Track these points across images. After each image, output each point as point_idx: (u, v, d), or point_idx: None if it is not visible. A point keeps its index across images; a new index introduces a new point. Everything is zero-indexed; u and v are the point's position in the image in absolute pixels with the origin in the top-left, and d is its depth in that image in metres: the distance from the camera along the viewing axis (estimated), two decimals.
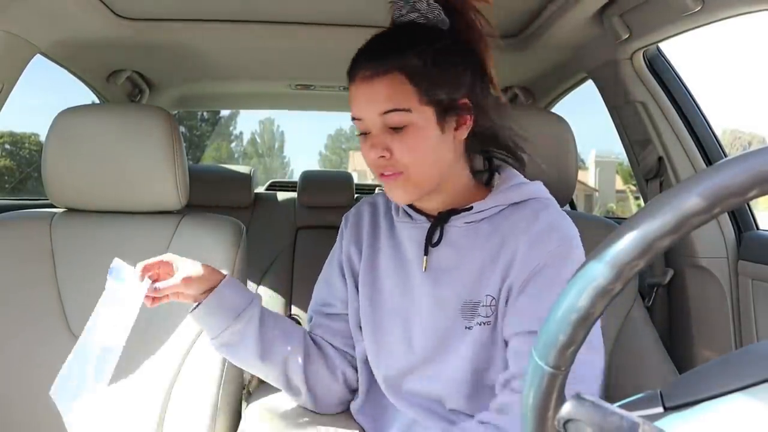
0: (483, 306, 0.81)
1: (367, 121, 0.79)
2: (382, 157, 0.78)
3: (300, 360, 0.90)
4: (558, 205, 0.86)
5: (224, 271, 0.87)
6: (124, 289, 0.81)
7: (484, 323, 0.80)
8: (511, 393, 0.76)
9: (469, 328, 0.81)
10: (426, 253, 0.85)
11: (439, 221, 0.85)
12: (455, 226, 0.84)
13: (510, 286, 0.80)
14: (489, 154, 0.91)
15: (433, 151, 0.79)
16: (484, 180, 0.90)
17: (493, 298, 0.80)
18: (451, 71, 0.79)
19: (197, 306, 0.84)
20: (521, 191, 0.84)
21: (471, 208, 0.83)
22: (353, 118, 0.81)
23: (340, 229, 0.98)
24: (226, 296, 0.85)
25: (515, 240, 0.80)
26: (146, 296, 0.80)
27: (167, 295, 0.83)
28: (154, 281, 0.82)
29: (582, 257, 0.78)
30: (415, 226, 0.87)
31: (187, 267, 0.84)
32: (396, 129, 0.77)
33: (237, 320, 0.85)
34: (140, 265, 0.81)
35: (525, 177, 0.89)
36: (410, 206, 0.88)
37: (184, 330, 1.07)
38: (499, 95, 0.89)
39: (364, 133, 0.80)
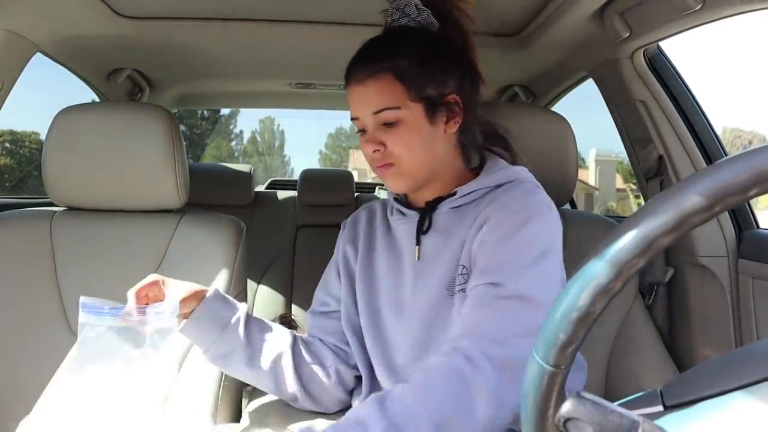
0: (458, 275, 0.83)
1: (363, 120, 0.85)
2: (377, 150, 0.84)
3: (291, 362, 0.92)
4: (538, 186, 0.88)
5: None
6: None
7: (460, 290, 0.82)
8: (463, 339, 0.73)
9: (451, 298, 0.83)
10: (418, 242, 0.89)
11: (427, 210, 0.89)
12: (442, 212, 0.88)
13: (475, 248, 0.82)
14: (483, 151, 0.95)
15: (423, 144, 0.84)
16: (475, 171, 0.94)
17: (464, 266, 0.83)
18: (438, 70, 0.85)
19: (185, 322, 0.87)
20: (503, 173, 0.88)
21: (455, 193, 0.87)
22: (352, 118, 0.87)
23: (339, 235, 1.01)
24: (212, 309, 0.88)
25: (487, 212, 0.83)
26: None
27: None
28: (147, 303, 0.81)
29: (540, 231, 0.79)
30: (408, 221, 0.91)
31: (177, 286, 0.86)
32: (389, 125, 0.83)
33: (224, 331, 0.88)
34: (132, 291, 0.82)
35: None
36: (402, 203, 0.92)
37: None
38: (490, 92, 0.92)
39: (363, 131, 0.86)
